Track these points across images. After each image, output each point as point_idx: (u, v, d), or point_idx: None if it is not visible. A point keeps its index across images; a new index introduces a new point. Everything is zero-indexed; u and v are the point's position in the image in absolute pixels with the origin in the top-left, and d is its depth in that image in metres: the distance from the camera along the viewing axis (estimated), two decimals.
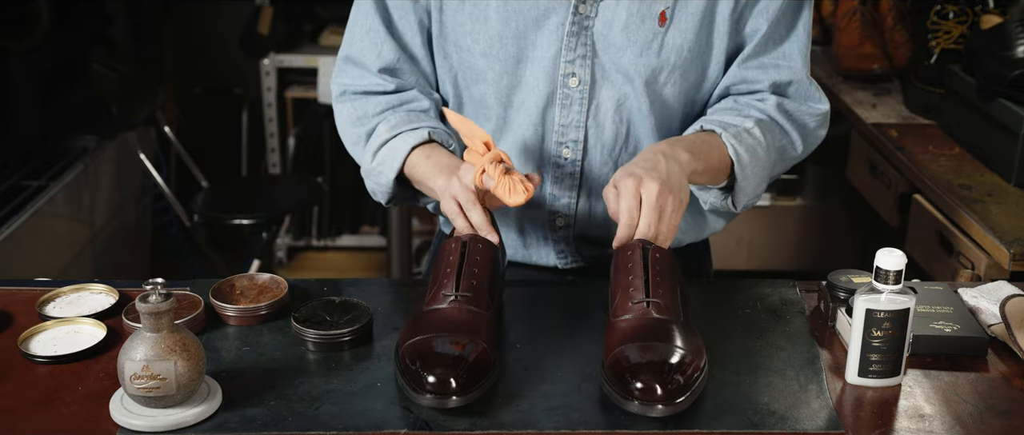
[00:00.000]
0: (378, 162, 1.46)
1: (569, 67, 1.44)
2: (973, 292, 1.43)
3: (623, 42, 1.42)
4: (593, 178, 1.51)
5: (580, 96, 1.45)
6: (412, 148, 1.43)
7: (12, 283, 1.48)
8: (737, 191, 1.45)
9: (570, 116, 1.46)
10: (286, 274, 3.04)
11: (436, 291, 1.26)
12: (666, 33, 1.42)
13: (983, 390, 1.25)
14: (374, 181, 1.49)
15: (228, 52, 3.81)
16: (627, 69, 1.43)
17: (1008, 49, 2.17)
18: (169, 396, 1.12)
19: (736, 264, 3.15)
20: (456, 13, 1.46)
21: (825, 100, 1.51)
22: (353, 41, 1.52)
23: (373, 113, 1.50)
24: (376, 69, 1.50)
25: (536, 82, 1.45)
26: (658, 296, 1.24)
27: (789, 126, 1.48)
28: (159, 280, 1.12)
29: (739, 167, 1.41)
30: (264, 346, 1.31)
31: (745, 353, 1.31)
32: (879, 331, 1.21)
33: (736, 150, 1.40)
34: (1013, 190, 2.10)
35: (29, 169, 2.83)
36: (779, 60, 1.47)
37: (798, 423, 1.16)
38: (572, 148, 1.48)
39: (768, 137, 1.44)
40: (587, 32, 1.42)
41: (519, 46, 1.44)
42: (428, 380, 1.13)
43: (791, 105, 1.49)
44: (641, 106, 1.46)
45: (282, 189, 3.47)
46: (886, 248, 1.20)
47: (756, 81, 1.47)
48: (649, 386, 1.14)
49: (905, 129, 2.49)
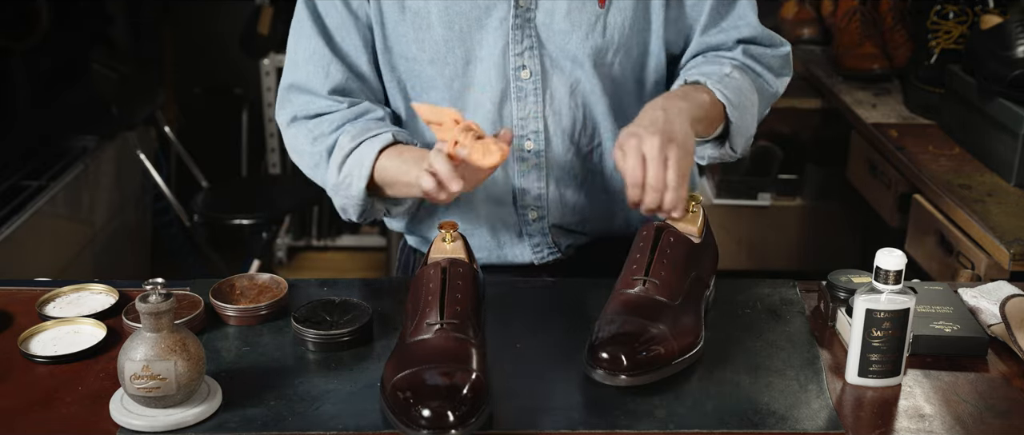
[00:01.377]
0: (345, 174, 1.43)
1: (518, 60, 1.45)
2: (973, 292, 1.43)
3: (567, 28, 1.44)
4: (558, 166, 1.52)
5: (533, 87, 1.47)
6: (379, 151, 1.40)
7: (12, 283, 1.48)
8: (733, 133, 1.46)
9: (527, 108, 1.48)
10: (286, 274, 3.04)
11: (419, 321, 1.21)
12: (607, 14, 1.45)
13: (983, 390, 1.25)
14: (343, 195, 1.46)
15: (228, 52, 3.81)
16: (575, 53, 1.46)
17: (1008, 49, 2.17)
18: (169, 396, 1.12)
19: (736, 264, 3.15)
20: (397, 24, 1.45)
21: (786, 43, 1.57)
22: (296, 67, 1.48)
23: (329, 130, 1.46)
24: (326, 91, 1.46)
25: (488, 80, 1.46)
26: (658, 276, 1.27)
27: (760, 67, 1.53)
28: (159, 280, 1.12)
29: (731, 108, 1.43)
30: (264, 346, 1.31)
31: (745, 353, 1.31)
32: (879, 331, 1.21)
33: (725, 94, 1.42)
34: (1013, 190, 2.10)
35: (29, 169, 2.83)
36: (737, 21, 1.52)
37: (798, 423, 1.16)
38: (533, 139, 1.50)
39: (747, 78, 1.48)
40: (530, 24, 1.44)
41: (466, 47, 1.45)
42: (423, 414, 1.08)
43: (756, 50, 1.54)
44: (594, 88, 1.49)
45: (282, 189, 3.47)
46: (886, 248, 1.20)
47: (721, 45, 1.52)
48: (615, 356, 1.17)
49: (905, 129, 2.49)
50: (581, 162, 1.53)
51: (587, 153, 1.53)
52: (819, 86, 2.91)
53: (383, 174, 1.41)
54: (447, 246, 1.31)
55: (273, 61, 3.64)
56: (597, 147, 1.54)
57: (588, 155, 1.54)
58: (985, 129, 2.23)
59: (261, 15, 3.55)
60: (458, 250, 1.30)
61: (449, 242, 1.31)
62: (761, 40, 1.53)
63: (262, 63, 3.64)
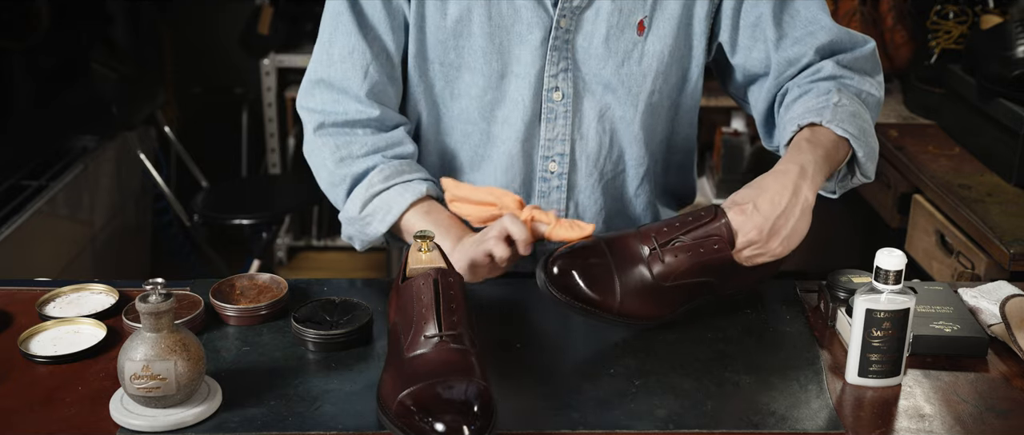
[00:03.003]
0: (368, 213, 1.42)
1: (553, 82, 1.44)
2: (973, 292, 1.43)
3: (604, 54, 1.43)
4: (578, 189, 1.51)
5: (564, 110, 1.45)
6: (409, 205, 1.40)
7: (12, 283, 1.48)
8: (864, 161, 1.40)
9: (556, 130, 1.47)
10: (286, 274, 3.04)
11: (414, 334, 1.17)
12: (645, 41, 1.43)
13: (983, 390, 1.25)
14: (357, 229, 1.45)
15: (228, 52, 3.81)
16: (609, 80, 1.44)
17: (1008, 49, 2.17)
18: (169, 396, 1.12)
19: None
20: (438, 29, 1.43)
21: (869, 40, 1.48)
22: (331, 63, 1.44)
23: (359, 154, 1.43)
24: (363, 93, 1.43)
25: (520, 97, 1.45)
26: (666, 243, 1.29)
27: (858, 78, 1.45)
28: (159, 280, 1.12)
29: (855, 141, 1.36)
30: (264, 346, 1.31)
31: (745, 353, 1.31)
32: (879, 331, 1.21)
33: (844, 128, 1.34)
34: (1013, 190, 2.10)
35: (29, 169, 2.83)
36: (809, 26, 1.44)
37: (798, 423, 1.16)
38: (558, 161, 1.49)
39: (853, 98, 1.41)
40: (569, 45, 1.43)
41: (503, 61, 1.43)
42: (437, 429, 1.06)
43: (846, 58, 1.45)
44: (624, 114, 1.47)
45: (282, 189, 3.47)
46: (886, 248, 1.20)
47: (801, 56, 1.45)
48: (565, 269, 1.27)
49: (905, 129, 2.49)
50: (602, 187, 1.52)
51: (610, 179, 1.53)
52: None
53: (407, 227, 1.41)
54: (424, 256, 1.29)
55: (273, 61, 3.64)
56: (620, 174, 1.53)
57: (610, 181, 1.53)
58: (985, 129, 2.23)
59: (261, 15, 3.55)
60: (436, 259, 1.29)
61: (425, 252, 1.29)
62: (842, 44, 1.46)
63: (262, 63, 3.64)
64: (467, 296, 1.25)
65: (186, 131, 3.73)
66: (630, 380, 1.24)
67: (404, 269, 1.29)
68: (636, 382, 1.23)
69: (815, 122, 1.35)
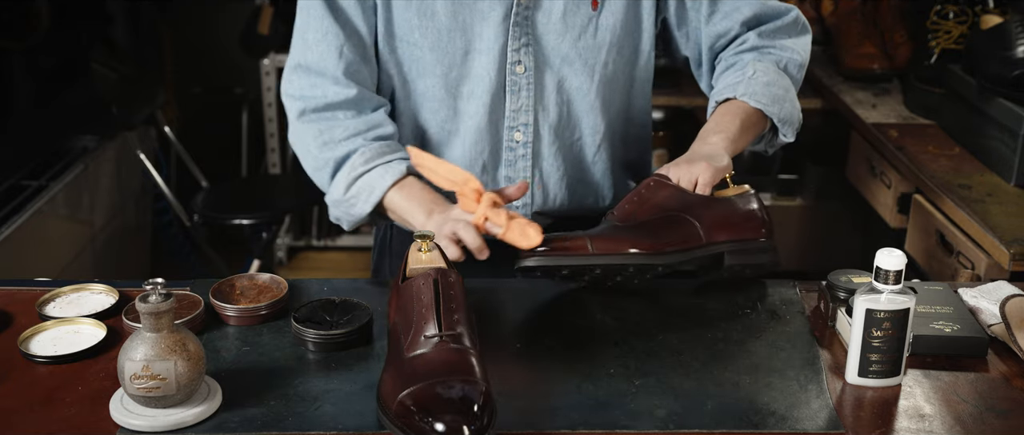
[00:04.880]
0: (352, 195, 1.48)
1: (515, 56, 1.51)
2: (973, 292, 1.43)
3: (562, 28, 1.51)
4: (543, 157, 1.59)
5: (527, 82, 1.53)
6: (390, 185, 1.45)
7: (12, 283, 1.48)
8: (780, 126, 1.55)
9: (520, 101, 1.54)
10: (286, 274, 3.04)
11: (414, 334, 1.17)
12: (599, 16, 1.53)
13: (983, 390, 1.25)
14: (343, 211, 1.51)
15: (228, 52, 3.81)
16: (567, 53, 1.53)
17: (1008, 49, 2.17)
18: (169, 396, 1.12)
19: None
20: (403, 9, 1.50)
21: (792, 8, 1.62)
22: (307, 48, 1.50)
23: (341, 138, 1.48)
24: (340, 73, 1.48)
25: (485, 72, 1.52)
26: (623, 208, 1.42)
27: (777, 45, 1.59)
28: (159, 280, 1.12)
29: (769, 111, 1.52)
30: (264, 346, 1.31)
31: (745, 353, 1.31)
32: (879, 331, 1.21)
33: (757, 99, 1.51)
34: (1013, 190, 2.10)
35: (29, 169, 2.83)
36: (736, 3, 1.58)
37: (798, 423, 1.16)
38: (523, 131, 1.56)
39: (771, 68, 1.55)
40: (528, 21, 1.50)
41: (466, 38, 1.50)
42: (437, 429, 1.06)
43: (768, 28, 1.59)
44: (581, 85, 1.56)
45: (282, 189, 3.47)
46: (886, 248, 1.20)
47: (728, 30, 1.59)
48: None
49: (905, 129, 2.49)
50: (563, 154, 1.59)
51: (569, 145, 1.60)
52: (819, 86, 2.91)
53: (390, 205, 1.48)
54: (424, 256, 1.30)
55: (273, 61, 3.64)
56: (578, 141, 1.61)
57: (569, 147, 1.60)
58: (985, 129, 2.23)
59: (261, 15, 3.55)
60: (436, 259, 1.30)
61: (425, 252, 1.30)
62: (766, 14, 1.59)
63: (262, 63, 3.64)
64: (467, 296, 1.25)
65: (186, 131, 3.73)
66: (630, 380, 1.24)
67: (404, 269, 1.29)
68: (636, 382, 1.23)
69: (730, 97, 1.52)
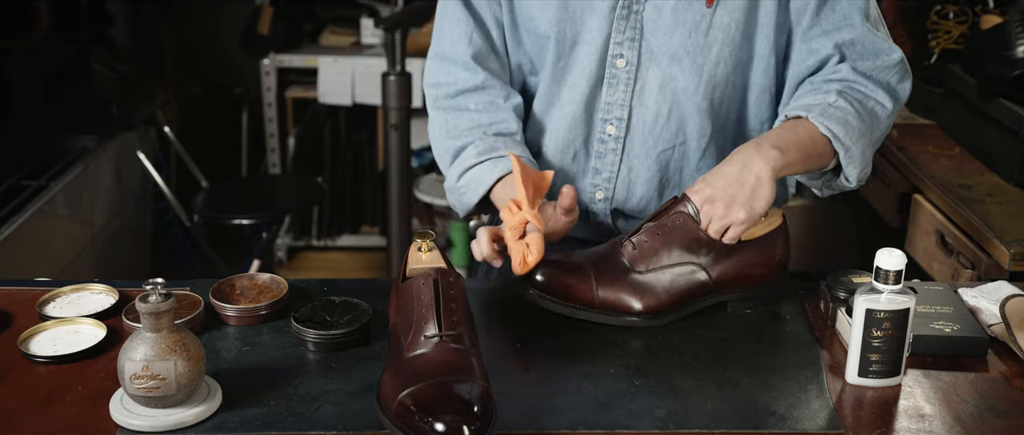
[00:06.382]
0: (463, 184, 1.54)
1: (618, 49, 1.50)
2: (973, 292, 1.43)
3: (672, 24, 1.47)
4: (634, 154, 1.56)
5: (626, 76, 1.51)
6: (497, 180, 1.50)
7: (12, 283, 1.48)
8: (845, 165, 1.43)
9: (616, 95, 1.52)
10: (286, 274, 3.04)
11: (414, 334, 1.17)
12: (714, 13, 1.46)
13: (983, 390, 1.25)
14: (456, 199, 1.58)
15: (228, 52, 3.81)
16: (675, 50, 1.48)
17: (1008, 49, 2.17)
18: (169, 396, 1.12)
19: None
20: (524, 1, 1.52)
21: (896, 49, 1.49)
22: (442, 36, 1.58)
23: (464, 129, 1.56)
24: (469, 56, 1.55)
25: (587, 62, 1.51)
26: (640, 240, 1.37)
27: (871, 86, 1.46)
28: (159, 280, 1.12)
29: (837, 142, 1.40)
30: (264, 346, 1.31)
31: (745, 353, 1.31)
32: (879, 331, 1.21)
33: (828, 126, 1.39)
34: (1013, 190, 2.10)
35: (29, 169, 2.83)
36: (839, 22, 1.47)
37: (798, 423, 1.16)
38: (616, 125, 1.54)
39: (855, 104, 1.43)
40: (636, 15, 1.48)
41: (575, 29, 1.51)
42: (437, 429, 1.06)
43: (864, 65, 1.47)
44: (688, 85, 1.50)
45: (282, 189, 3.48)
46: (886, 248, 1.20)
47: (820, 48, 1.47)
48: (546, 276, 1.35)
49: (905, 129, 2.49)
50: (657, 156, 1.55)
51: (667, 149, 1.55)
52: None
53: (496, 199, 1.51)
54: (424, 256, 1.30)
55: (273, 61, 3.64)
56: (680, 145, 1.55)
57: (667, 151, 1.55)
58: (985, 129, 2.23)
59: (261, 15, 3.55)
60: (436, 259, 1.30)
61: (425, 252, 1.30)
62: (865, 46, 1.47)
63: (262, 63, 3.64)
64: (467, 296, 1.26)
65: (186, 131, 3.73)
66: (630, 380, 1.24)
67: (404, 269, 1.29)
68: (636, 382, 1.23)
69: (801, 115, 1.41)
